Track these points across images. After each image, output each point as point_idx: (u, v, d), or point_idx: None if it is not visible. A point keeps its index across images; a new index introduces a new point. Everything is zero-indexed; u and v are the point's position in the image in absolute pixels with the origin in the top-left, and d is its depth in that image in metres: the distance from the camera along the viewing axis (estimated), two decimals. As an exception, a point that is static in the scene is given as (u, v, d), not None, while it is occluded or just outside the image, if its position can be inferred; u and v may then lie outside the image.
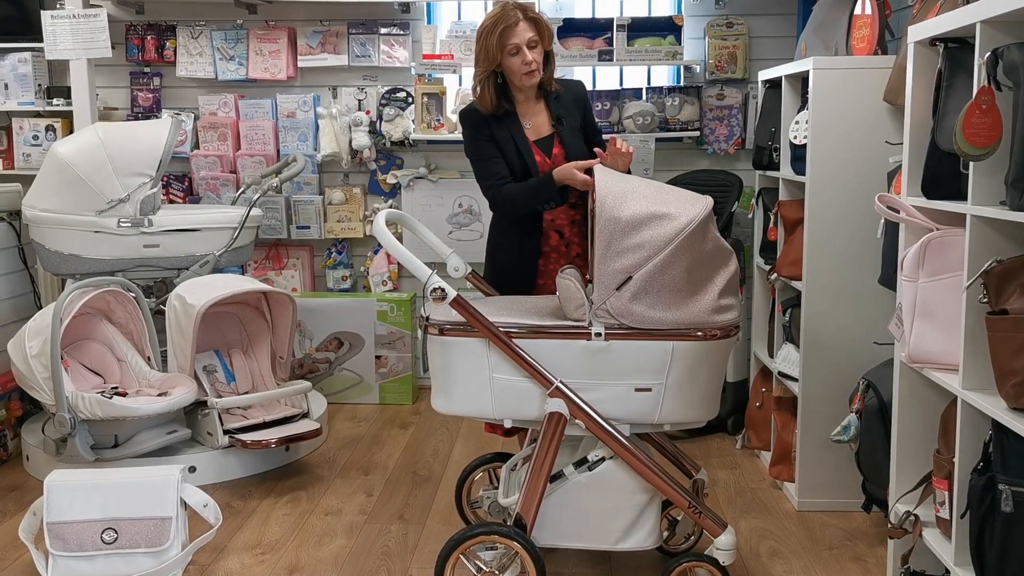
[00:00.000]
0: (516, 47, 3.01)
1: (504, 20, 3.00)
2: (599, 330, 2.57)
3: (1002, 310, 2.09)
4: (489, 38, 3.01)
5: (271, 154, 4.91)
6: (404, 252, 2.63)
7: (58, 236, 3.94)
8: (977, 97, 2.10)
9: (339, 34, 4.86)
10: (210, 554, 3.12)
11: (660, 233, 2.50)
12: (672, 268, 2.51)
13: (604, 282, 2.54)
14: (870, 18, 3.36)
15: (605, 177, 2.65)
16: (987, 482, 2.13)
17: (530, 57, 3.02)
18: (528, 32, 3.01)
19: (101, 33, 4.38)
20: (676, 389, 2.62)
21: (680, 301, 2.54)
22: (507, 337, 2.61)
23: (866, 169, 3.28)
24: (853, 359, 3.33)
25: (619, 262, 2.52)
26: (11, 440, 4.02)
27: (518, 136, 3.13)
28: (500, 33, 2.99)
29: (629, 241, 2.51)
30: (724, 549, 2.63)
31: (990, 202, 2.17)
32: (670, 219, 2.51)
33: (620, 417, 2.65)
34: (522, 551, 2.58)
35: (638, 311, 2.53)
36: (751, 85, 4.72)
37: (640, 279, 2.51)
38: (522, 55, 3.02)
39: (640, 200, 2.54)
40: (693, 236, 2.51)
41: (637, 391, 2.62)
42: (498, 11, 3.04)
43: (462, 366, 2.67)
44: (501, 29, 2.99)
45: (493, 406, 2.68)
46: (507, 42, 3.00)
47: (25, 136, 4.74)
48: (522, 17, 3.01)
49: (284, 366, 4.04)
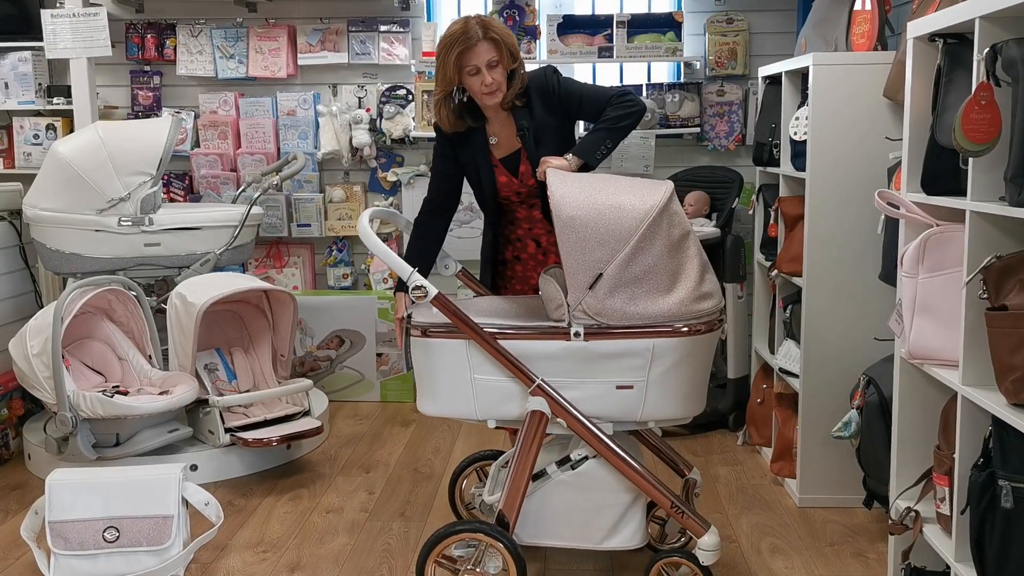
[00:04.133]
0: (475, 68, 2.84)
1: (463, 41, 2.82)
2: (578, 330, 2.56)
3: (1002, 306, 2.09)
4: (447, 57, 2.84)
5: (271, 152, 4.91)
6: (385, 250, 2.63)
7: (59, 235, 3.94)
8: (976, 93, 2.09)
9: (339, 32, 4.86)
10: (212, 552, 3.12)
11: (621, 226, 2.48)
12: (641, 259, 2.49)
13: (575, 283, 2.53)
14: (870, 14, 3.36)
15: (557, 179, 2.61)
16: (987, 478, 2.13)
17: (489, 79, 2.85)
18: (489, 52, 2.83)
19: (101, 32, 4.38)
20: (659, 386, 2.59)
21: (658, 293, 2.52)
22: (489, 336, 2.60)
23: (866, 165, 3.28)
24: (854, 355, 3.32)
25: (585, 260, 2.50)
26: (13, 439, 4.02)
27: (481, 156, 3.02)
28: (458, 54, 2.82)
29: (592, 238, 2.49)
30: (707, 550, 2.62)
31: (989, 198, 2.16)
32: (629, 209, 2.49)
33: (603, 415, 2.64)
34: (503, 550, 2.57)
35: (616, 307, 2.51)
36: (751, 81, 4.71)
37: (611, 274, 2.50)
38: (481, 76, 2.85)
39: (595, 195, 2.53)
40: (656, 223, 2.49)
41: (619, 389, 2.60)
42: (458, 28, 2.86)
43: (444, 367, 2.67)
44: (459, 51, 2.82)
45: (476, 407, 2.68)
46: (465, 63, 2.84)
47: (25, 135, 4.74)
48: (482, 36, 2.83)
49: (285, 364, 4.05)
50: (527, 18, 4.71)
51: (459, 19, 2.91)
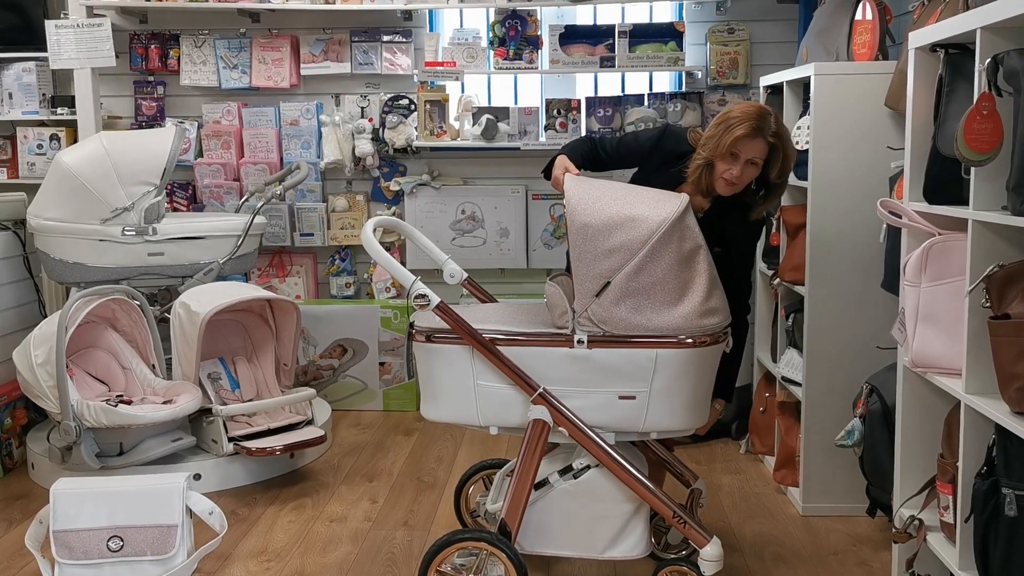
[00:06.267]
0: (736, 154, 2.70)
1: (750, 128, 2.66)
2: (582, 337, 2.56)
3: (1004, 314, 2.10)
4: (725, 133, 2.68)
5: (274, 162, 4.92)
6: (388, 259, 2.64)
7: (63, 245, 3.95)
8: (978, 103, 2.11)
9: (342, 42, 4.87)
10: (215, 561, 3.12)
11: (633, 236, 2.49)
12: (650, 270, 2.50)
13: (583, 289, 2.53)
14: (871, 24, 3.37)
15: (574, 185, 2.62)
16: (991, 486, 2.13)
17: (738, 172, 2.70)
18: (759, 152, 2.69)
19: (105, 42, 4.40)
20: (661, 397, 2.59)
21: (665, 305, 2.52)
22: (490, 343, 2.60)
23: (868, 174, 3.29)
24: (856, 364, 3.33)
25: (595, 268, 2.51)
26: (17, 448, 4.03)
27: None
28: (737, 137, 2.66)
29: (602, 246, 2.50)
30: (709, 560, 2.62)
31: (992, 207, 2.17)
32: (642, 220, 2.50)
33: (605, 425, 2.63)
34: (505, 559, 2.57)
35: (621, 316, 2.52)
36: (753, 91, 4.73)
37: (619, 284, 2.50)
38: (734, 164, 2.71)
39: (610, 204, 2.53)
40: (668, 236, 2.49)
41: (621, 399, 2.60)
42: (754, 113, 2.70)
43: (447, 373, 2.67)
44: (741, 134, 2.66)
45: (478, 413, 2.68)
46: (733, 147, 2.68)
47: (30, 145, 4.76)
48: (767, 135, 2.68)
49: (288, 373, 4.05)
50: (529, 28, 4.72)
51: (761, 106, 2.77)
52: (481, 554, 2.60)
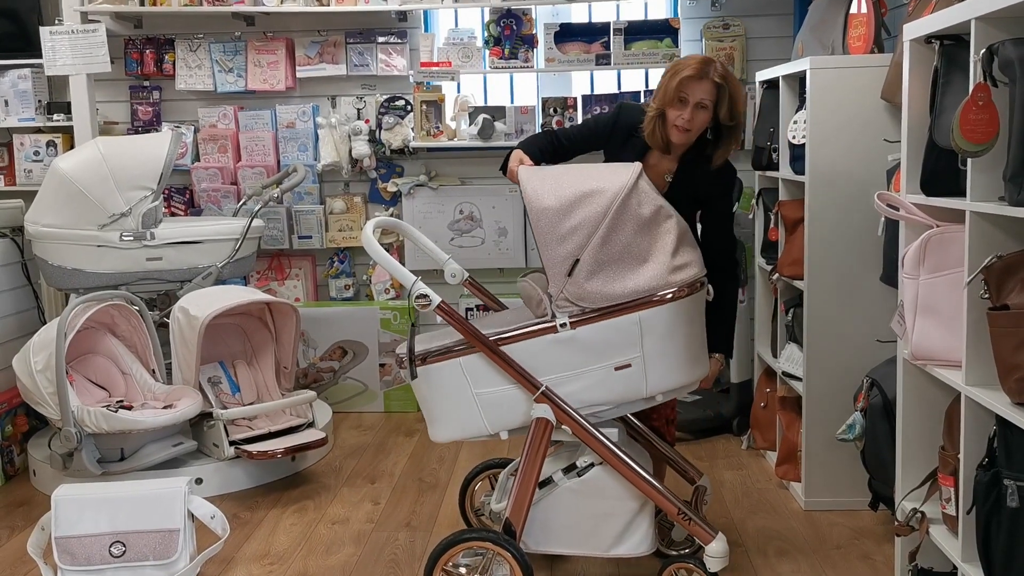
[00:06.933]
0: (684, 98, 2.77)
1: (694, 70, 2.75)
2: (563, 320, 2.58)
3: (1003, 305, 2.10)
4: (673, 77, 2.78)
5: (271, 165, 4.92)
6: (389, 259, 2.65)
7: (61, 251, 3.95)
8: (973, 94, 2.10)
9: (337, 44, 4.87)
10: (218, 565, 3.12)
11: (592, 210, 2.53)
12: (615, 239, 2.54)
13: (554, 272, 2.57)
14: (866, 17, 3.37)
15: (528, 173, 2.68)
16: (992, 478, 2.13)
17: (688, 115, 2.77)
18: (706, 93, 2.76)
19: (100, 48, 4.40)
20: (656, 357, 2.60)
21: (633, 270, 2.55)
22: (492, 343, 2.61)
23: (865, 167, 3.28)
24: (856, 357, 3.32)
25: (561, 249, 2.54)
26: (18, 455, 4.03)
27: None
28: (681, 80, 2.75)
29: (565, 226, 2.53)
30: (715, 556, 2.63)
31: (989, 198, 2.17)
32: (598, 193, 2.54)
33: (608, 400, 2.65)
34: (510, 558, 2.58)
35: (596, 289, 2.55)
36: (749, 86, 4.71)
37: (587, 259, 2.53)
38: (683, 109, 2.78)
39: (565, 185, 2.57)
40: (626, 203, 2.54)
41: (617, 370, 2.60)
42: (699, 57, 2.83)
43: (445, 391, 2.67)
44: (685, 76, 2.75)
45: (485, 422, 2.68)
46: (682, 89, 2.77)
47: (26, 152, 4.76)
48: (712, 76, 2.75)
49: (288, 376, 4.05)
50: (524, 27, 4.72)
51: (704, 55, 2.85)
52: (487, 554, 2.60)
